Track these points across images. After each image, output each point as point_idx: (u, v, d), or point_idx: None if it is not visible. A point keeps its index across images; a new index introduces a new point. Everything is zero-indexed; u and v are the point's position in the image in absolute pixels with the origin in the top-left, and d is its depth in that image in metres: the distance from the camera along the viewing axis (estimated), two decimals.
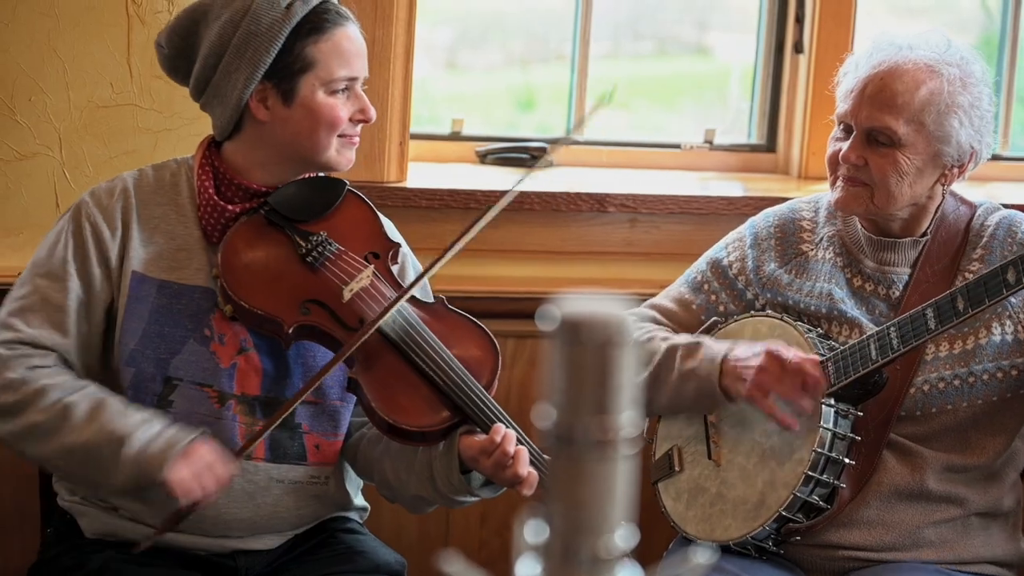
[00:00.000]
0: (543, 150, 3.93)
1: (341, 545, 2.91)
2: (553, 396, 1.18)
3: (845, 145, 2.95)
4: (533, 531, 1.20)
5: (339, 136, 2.79)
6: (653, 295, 3.29)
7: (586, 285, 3.71)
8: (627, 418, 1.17)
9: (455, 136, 3.94)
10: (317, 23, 2.74)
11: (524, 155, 3.91)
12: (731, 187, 3.93)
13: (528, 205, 3.68)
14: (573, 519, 1.18)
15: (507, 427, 2.70)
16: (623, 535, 1.19)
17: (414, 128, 3.85)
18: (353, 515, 3.01)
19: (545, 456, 2.67)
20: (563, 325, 1.16)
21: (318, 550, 2.90)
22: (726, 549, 2.98)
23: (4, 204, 3.44)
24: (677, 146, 4.08)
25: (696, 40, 4.33)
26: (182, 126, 3.45)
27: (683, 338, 3.07)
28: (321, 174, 2.89)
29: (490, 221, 3.65)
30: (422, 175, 3.69)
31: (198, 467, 2.63)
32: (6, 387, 2.69)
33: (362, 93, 2.81)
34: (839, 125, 3.00)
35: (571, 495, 1.18)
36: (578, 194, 3.71)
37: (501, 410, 2.73)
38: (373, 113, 2.82)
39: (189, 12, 2.82)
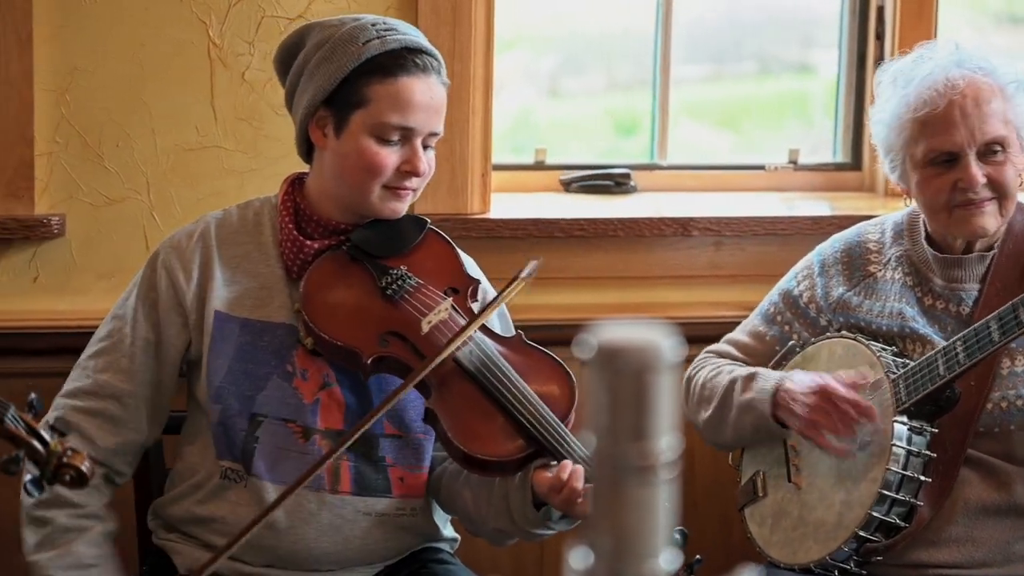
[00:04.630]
0: (627, 176, 3.94)
1: (432, 575, 2.93)
2: (593, 423, 1.19)
3: (961, 172, 2.94)
4: (579, 558, 1.22)
5: (384, 187, 2.80)
6: (740, 318, 3.30)
7: (673, 310, 3.71)
8: (666, 443, 1.18)
9: (539, 165, 3.96)
10: (386, 65, 2.76)
11: (608, 182, 3.92)
12: (816, 206, 3.92)
13: (612, 232, 3.69)
14: (617, 544, 1.19)
15: (580, 461, 2.69)
16: (667, 558, 1.20)
17: (515, 157, 3.89)
18: (444, 546, 3.02)
19: None
20: (600, 353, 1.17)
21: None
22: (809, 571, 2.98)
23: (96, 248, 3.51)
24: (762, 167, 4.08)
25: (799, 59, 4.31)
26: (267, 166, 3.50)
27: (743, 370, 3.09)
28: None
29: (576, 249, 3.70)
30: (505, 206, 3.72)
31: None
32: None
33: (419, 147, 2.79)
34: (927, 163, 2.97)
35: (614, 521, 1.19)
36: (661, 219, 3.72)
37: (577, 442, 2.72)
38: (424, 167, 2.80)
39: (298, 30, 2.89)
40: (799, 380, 2.97)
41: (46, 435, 2.45)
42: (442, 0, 3.55)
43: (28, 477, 2.45)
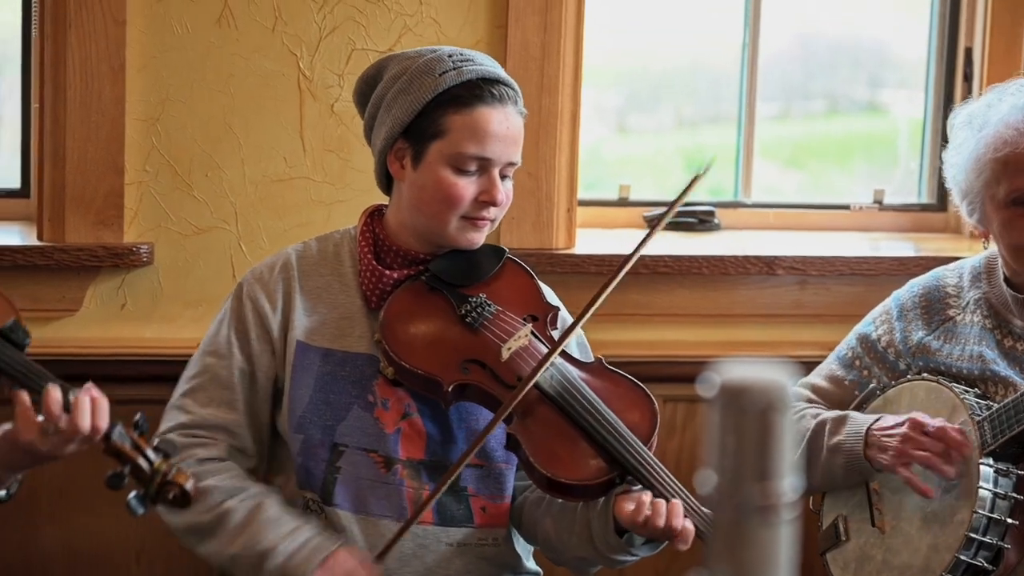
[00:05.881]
0: (711, 213, 3.94)
1: None
2: (715, 462, 1.18)
3: None
4: None
5: (463, 217, 2.81)
6: (824, 358, 3.28)
7: (757, 348, 3.70)
8: (789, 483, 1.18)
9: (623, 202, 3.96)
10: (463, 96, 2.77)
11: (691, 219, 3.92)
12: (902, 247, 3.90)
13: (697, 269, 3.68)
14: None
15: (664, 481, 2.70)
16: None
17: (586, 192, 3.88)
18: None
19: (704, 509, 2.67)
20: (724, 391, 1.17)
21: None
22: None
23: (183, 277, 3.53)
24: (847, 207, 4.07)
25: (869, 98, 4.31)
26: (354, 197, 3.52)
27: (831, 413, 3.08)
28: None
29: (660, 286, 3.69)
30: (590, 241, 3.71)
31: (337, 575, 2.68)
32: None
33: (497, 177, 2.80)
34: (1009, 203, 2.95)
35: (735, 560, 1.18)
36: (747, 257, 3.71)
37: (660, 464, 2.72)
38: (502, 198, 2.81)
39: (376, 63, 2.90)
40: (889, 419, 2.97)
41: (151, 453, 2.47)
42: (531, 35, 3.56)
43: (132, 494, 2.46)
